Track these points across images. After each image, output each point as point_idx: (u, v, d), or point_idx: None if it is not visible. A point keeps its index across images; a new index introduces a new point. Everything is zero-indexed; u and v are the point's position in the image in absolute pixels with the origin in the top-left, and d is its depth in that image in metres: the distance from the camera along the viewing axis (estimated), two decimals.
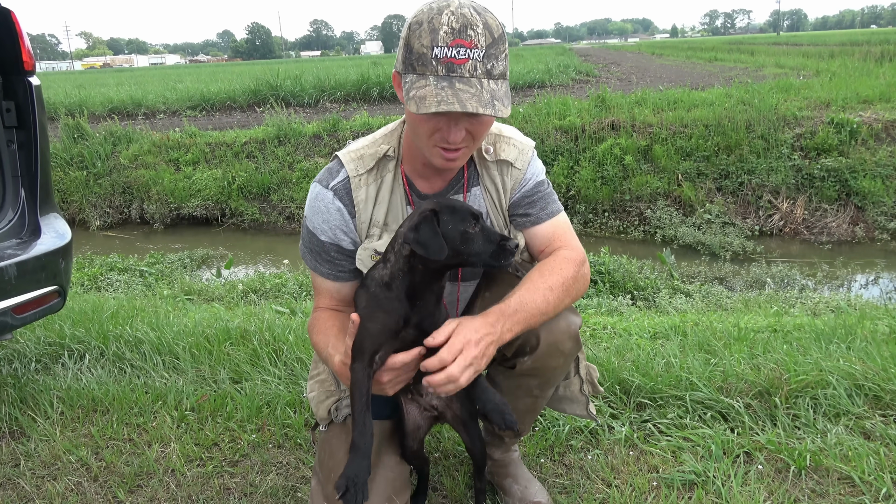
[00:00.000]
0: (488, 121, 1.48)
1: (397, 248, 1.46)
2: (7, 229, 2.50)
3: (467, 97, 1.35)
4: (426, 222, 1.38)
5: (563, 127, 9.58)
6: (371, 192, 1.64)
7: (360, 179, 1.63)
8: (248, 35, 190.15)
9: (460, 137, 1.45)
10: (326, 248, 1.67)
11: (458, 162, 1.53)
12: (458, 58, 1.36)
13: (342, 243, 1.66)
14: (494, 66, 1.41)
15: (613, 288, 5.69)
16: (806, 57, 21.76)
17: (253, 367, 2.87)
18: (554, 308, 1.56)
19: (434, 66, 1.37)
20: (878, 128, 8.67)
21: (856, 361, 2.52)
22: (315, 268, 1.71)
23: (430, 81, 1.37)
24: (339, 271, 1.70)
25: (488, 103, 1.37)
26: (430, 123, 1.45)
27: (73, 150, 10.95)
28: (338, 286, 1.72)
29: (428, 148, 1.50)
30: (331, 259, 1.68)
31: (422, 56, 1.38)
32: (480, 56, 1.38)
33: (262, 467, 2.21)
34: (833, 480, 1.98)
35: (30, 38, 2.61)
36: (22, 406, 2.64)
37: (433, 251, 1.36)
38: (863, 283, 6.72)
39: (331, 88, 16.63)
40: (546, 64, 21.44)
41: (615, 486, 2.01)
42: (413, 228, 1.39)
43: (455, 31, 1.36)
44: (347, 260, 1.68)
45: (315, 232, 1.66)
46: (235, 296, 5.38)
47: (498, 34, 1.41)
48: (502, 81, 1.43)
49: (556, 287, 1.56)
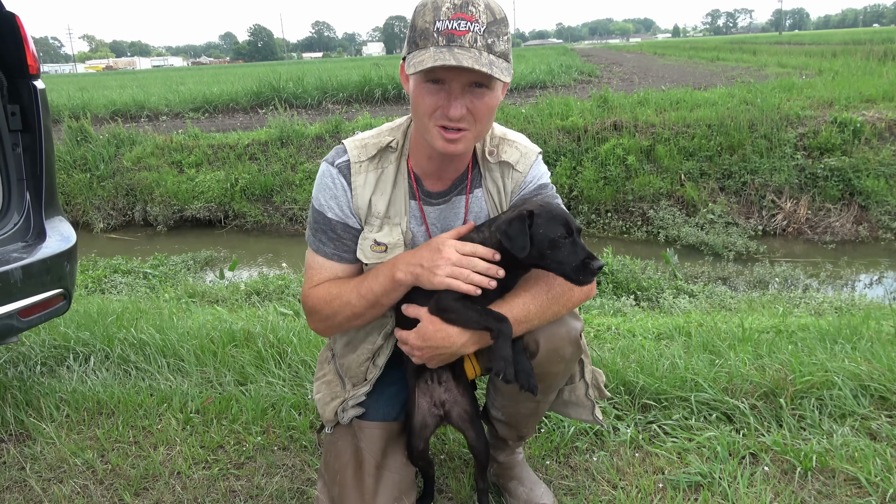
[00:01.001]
0: (489, 100, 1.48)
1: (489, 234, 1.59)
2: (12, 233, 2.50)
3: (464, 57, 1.37)
4: (519, 221, 1.50)
5: (565, 127, 9.57)
6: (370, 179, 1.65)
7: (360, 165, 1.65)
8: (250, 37, 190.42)
9: (459, 112, 1.44)
10: (333, 226, 1.66)
11: (460, 146, 1.50)
12: (459, 29, 1.39)
13: (349, 221, 1.66)
14: (495, 43, 1.42)
15: (617, 288, 5.69)
16: (808, 56, 21.73)
17: (257, 369, 2.87)
18: (538, 316, 1.57)
19: (435, 38, 1.40)
20: (882, 127, 8.65)
21: (861, 362, 2.52)
22: (318, 248, 1.69)
23: (431, 50, 1.40)
24: (344, 251, 1.68)
25: (486, 65, 1.38)
26: (432, 98, 1.46)
27: (76, 153, 10.98)
28: (339, 268, 1.70)
29: (429, 129, 1.50)
30: (337, 237, 1.67)
31: (424, 31, 1.42)
32: (481, 30, 1.40)
33: (268, 469, 2.21)
34: (839, 482, 1.97)
35: (33, 41, 2.62)
36: (27, 409, 2.64)
37: (516, 247, 1.49)
38: (867, 283, 6.71)
39: (333, 90, 16.63)
40: (548, 64, 21.43)
41: (621, 487, 2.00)
42: (507, 222, 1.51)
43: (457, 7, 1.40)
44: (353, 240, 1.68)
45: (322, 210, 1.67)
46: (239, 298, 5.39)
47: (500, 16, 1.44)
48: (503, 60, 1.44)
49: (539, 295, 1.57)
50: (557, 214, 1.52)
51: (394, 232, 1.66)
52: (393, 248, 1.65)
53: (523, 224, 1.49)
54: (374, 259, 1.66)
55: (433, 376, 1.74)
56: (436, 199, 1.69)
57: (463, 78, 1.42)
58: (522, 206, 1.56)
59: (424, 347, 1.57)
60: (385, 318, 1.72)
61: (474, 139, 1.53)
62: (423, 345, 1.57)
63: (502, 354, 1.50)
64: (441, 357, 1.59)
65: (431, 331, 1.55)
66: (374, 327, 1.75)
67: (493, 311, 1.52)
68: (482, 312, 1.52)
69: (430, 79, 1.45)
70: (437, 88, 1.45)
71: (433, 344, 1.55)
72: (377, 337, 1.75)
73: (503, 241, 1.51)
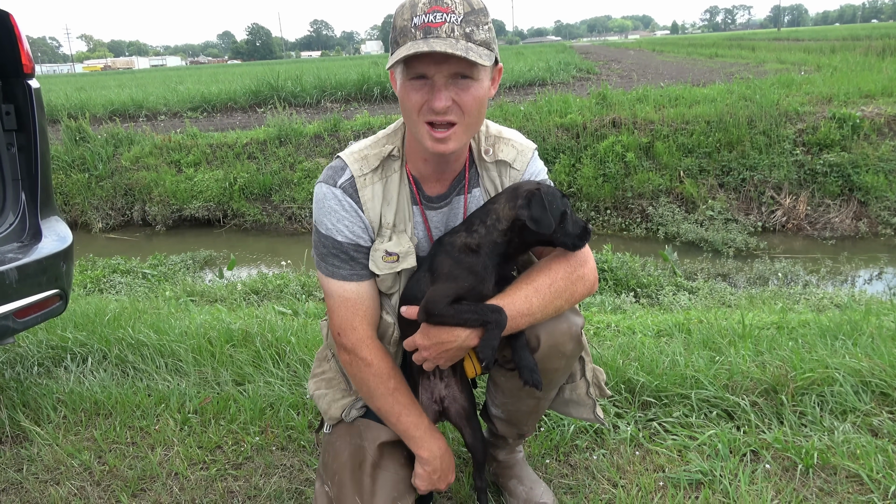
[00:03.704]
0: (476, 91, 1.45)
1: (490, 222, 1.56)
2: (8, 233, 2.48)
3: (438, 43, 1.37)
4: (537, 199, 1.50)
5: (564, 125, 9.56)
6: (377, 190, 1.62)
7: (364, 179, 1.61)
8: (248, 36, 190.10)
9: (444, 104, 1.42)
10: (346, 249, 1.62)
11: (451, 144, 1.48)
12: (435, 21, 1.39)
13: (360, 241, 1.62)
14: (474, 32, 1.41)
15: (617, 285, 5.68)
16: (807, 52, 21.70)
17: (256, 368, 2.86)
18: (540, 310, 1.55)
19: (413, 33, 1.40)
20: (881, 122, 8.63)
21: (862, 358, 2.50)
22: (333, 273, 1.63)
23: (408, 45, 1.40)
24: (361, 270, 1.64)
25: (462, 50, 1.37)
26: (417, 95, 1.45)
27: (74, 153, 10.95)
28: (361, 288, 1.65)
29: (419, 128, 1.48)
30: (350, 258, 1.62)
31: (403, 28, 1.42)
32: (458, 20, 1.40)
33: (266, 470, 2.20)
34: (841, 479, 1.96)
35: (30, 41, 2.60)
36: (24, 410, 2.63)
37: (544, 225, 1.49)
38: (867, 279, 6.69)
39: (331, 88, 16.59)
40: (546, 62, 21.39)
41: (621, 486, 1.99)
42: (526, 206, 1.50)
43: (432, 1, 1.40)
44: (366, 258, 1.64)
45: (331, 234, 1.61)
46: (237, 297, 5.38)
47: (478, 7, 1.43)
48: (485, 49, 1.42)
49: (543, 289, 1.55)
50: (555, 189, 1.58)
51: (402, 241, 1.63)
52: (405, 256, 1.63)
53: (542, 203, 1.50)
54: (387, 269, 1.63)
55: (436, 372, 1.74)
56: (437, 203, 1.68)
57: (444, 70, 1.41)
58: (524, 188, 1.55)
59: (431, 346, 1.56)
60: (389, 326, 1.72)
61: (465, 134, 1.50)
62: (429, 343, 1.56)
63: (490, 343, 1.50)
64: (449, 353, 1.57)
65: (435, 328, 1.55)
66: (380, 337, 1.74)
67: (488, 305, 1.52)
68: (476, 309, 1.51)
69: (413, 76, 1.44)
70: (421, 84, 1.44)
71: (439, 339, 1.55)
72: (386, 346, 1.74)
73: (529, 224, 1.50)
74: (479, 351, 1.52)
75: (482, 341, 1.52)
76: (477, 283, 1.55)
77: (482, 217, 1.59)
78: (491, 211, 1.58)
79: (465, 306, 1.52)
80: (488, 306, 1.51)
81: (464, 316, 1.52)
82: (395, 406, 1.67)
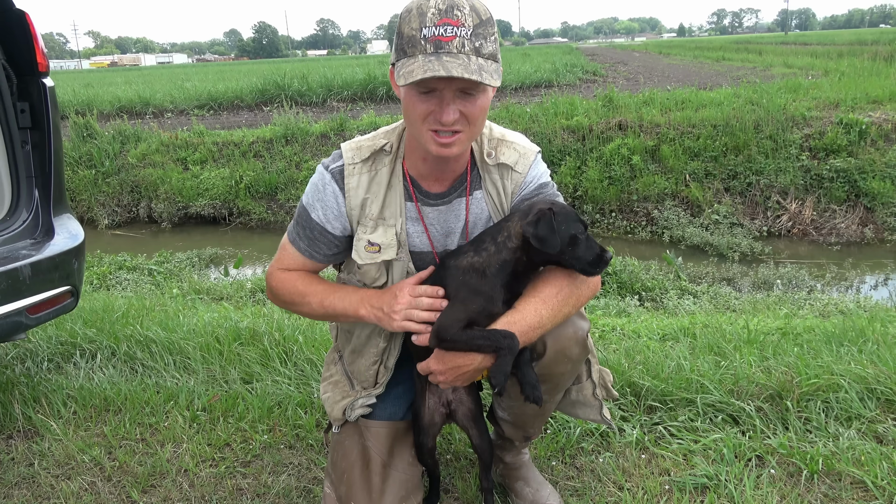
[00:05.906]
0: (482, 102, 1.48)
1: (501, 239, 1.57)
2: (21, 230, 2.51)
3: (453, 65, 1.38)
4: (545, 219, 1.50)
5: (570, 127, 9.55)
6: (363, 181, 1.66)
7: (353, 167, 1.66)
8: (254, 34, 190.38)
9: (452, 118, 1.45)
10: (313, 226, 1.70)
11: (454, 149, 1.51)
12: (446, 35, 1.40)
13: (328, 227, 1.69)
14: (483, 45, 1.43)
15: (621, 288, 5.69)
16: (814, 56, 21.63)
17: (263, 367, 2.88)
18: (550, 320, 1.57)
19: (423, 45, 1.41)
20: (888, 128, 8.61)
21: (867, 364, 2.51)
22: (294, 240, 1.74)
23: (419, 59, 1.41)
24: (315, 252, 1.72)
25: (475, 72, 1.39)
26: (423, 105, 1.46)
27: (81, 149, 11.00)
28: (308, 264, 1.75)
29: (422, 133, 1.51)
30: (313, 238, 1.71)
31: (411, 38, 1.42)
32: (468, 34, 1.41)
33: (275, 468, 2.22)
34: (846, 485, 1.97)
35: (42, 39, 2.63)
36: (35, 405, 2.66)
37: (549, 245, 1.49)
38: (872, 285, 6.68)
39: (338, 88, 16.62)
40: (553, 63, 21.38)
41: (627, 489, 2.01)
42: (533, 224, 1.51)
43: (442, 12, 1.40)
44: (327, 245, 1.71)
45: (307, 208, 1.70)
46: (244, 295, 5.40)
47: (485, 17, 1.44)
48: (492, 62, 1.45)
49: (550, 298, 1.57)
50: (570, 211, 1.57)
51: (387, 233, 1.67)
52: (386, 248, 1.67)
53: (551, 222, 1.50)
54: (369, 259, 1.68)
55: None
56: (435, 199, 1.70)
57: (454, 85, 1.43)
58: (537, 207, 1.55)
59: (447, 370, 1.57)
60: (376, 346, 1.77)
61: (469, 140, 1.54)
62: (445, 368, 1.57)
63: (503, 370, 1.51)
64: (466, 375, 1.59)
65: (449, 353, 1.56)
66: (373, 332, 1.76)
67: (500, 331, 1.51)
68: (489, 336, 1.51)
69: (422, 90, 1.46)
70: (428, 97, 1.46)
71: (454, 364, 1.56)
72: (379, 340, 1.77)
73: (534, 242, 1.50)
74: (492, 377, 1.53)
75: (494, 367, 1.53)
76: (486, 304, 1.55)
77: (494, 234, 1.60)
78: (503, 228, 1.60)
79: (477, 332, 1.52)
80: (500, 332, 1.51)
81: (476, 342, 1.52)
82: (327, 293, 1.69)
